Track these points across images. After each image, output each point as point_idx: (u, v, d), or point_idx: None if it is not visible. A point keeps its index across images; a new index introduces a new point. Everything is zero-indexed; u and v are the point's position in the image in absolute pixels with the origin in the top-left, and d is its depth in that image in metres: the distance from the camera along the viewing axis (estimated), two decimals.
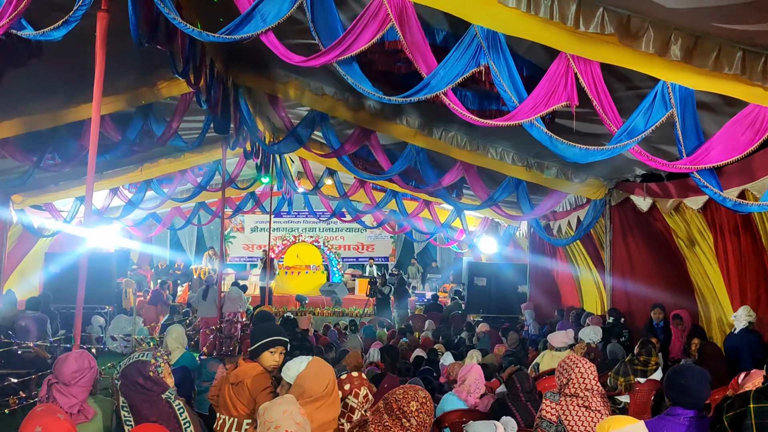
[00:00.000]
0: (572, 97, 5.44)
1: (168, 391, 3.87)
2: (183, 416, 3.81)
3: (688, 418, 3.95)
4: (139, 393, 3.78)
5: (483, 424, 4.04)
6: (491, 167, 10.42)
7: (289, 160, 16.96)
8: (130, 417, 3.66)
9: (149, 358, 3.91)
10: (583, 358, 4.59)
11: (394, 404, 3.68)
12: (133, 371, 3.85)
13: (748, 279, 8.00)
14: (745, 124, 5.51)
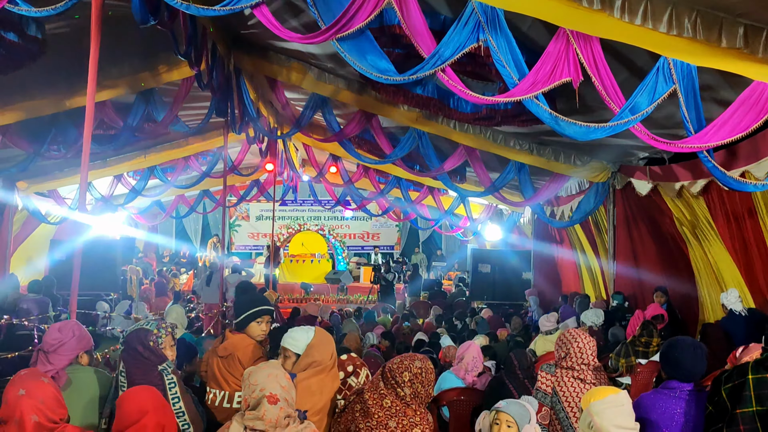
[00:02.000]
0: (573, 74, 5.39)
1: (165, 363, 3.87)
2: (173, 390, 3.79)
3: (685, 391, 3.92)
4: (135, 360, 3.78)
5: (516, 405, 3.98)
6: (493, 151, 10.38)
7: (293, 147, 16.93)
8: (125, 383, 3.67)
9: (152, 328, 3.92)
10: (583, 332, 4.56)
11: (388, 373, 3.68)
12: (134, 338, 3.86)
13: (755, 262, 7.96)
14: (749, 103, 5.46)
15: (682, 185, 8.58)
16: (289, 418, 2.93)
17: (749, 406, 3.61)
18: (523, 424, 3.90)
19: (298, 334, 3.99)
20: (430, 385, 3.74)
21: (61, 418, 2.92)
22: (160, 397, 3.02)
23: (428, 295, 17.74)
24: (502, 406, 3.97)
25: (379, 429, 3.65)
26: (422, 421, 3.70)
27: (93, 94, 5.77)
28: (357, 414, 3.71)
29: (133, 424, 2.85)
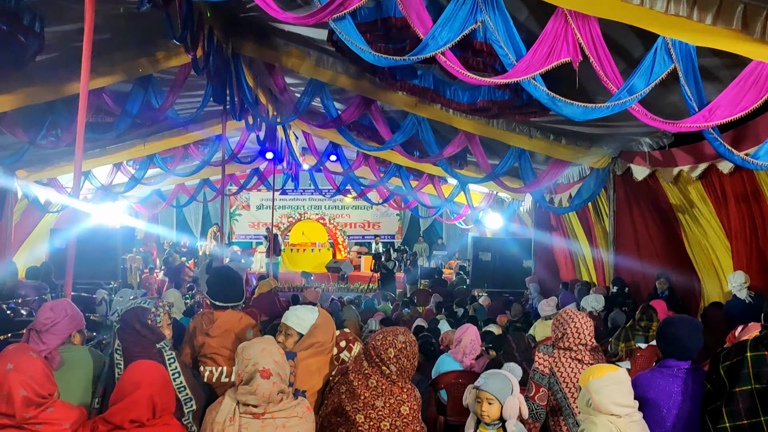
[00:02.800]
0: (572, 54, 5.35)
1: (163, 342, 3.86)
2: (173, 366, 3.79)
3: (683, 370, 3.90)
4: (133, 338, 3.78)
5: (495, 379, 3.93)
6: (494, 137, 10.34)
7: (293, 135, 16.89)
8: (121, 360, 3.66)
9: (150, 306, 3.92)
10: (581, 313, 4.53)
11: (372, 351, 3.64)
12: (132, 316, 3.86)
13: (752, 248, 7.93)
14: (749, 82, 5.42)
15: (681, 170, 8.55)
16: (282, 393, 2.90)
17: (747, 384, 3.59)
18: (504, 398, 3.84)
19: (304, 314, 3.96)
20: (414, 358, 3.71)
21: (50, 393, 2.89)
22: (160, 372, 2.99)
23: (429, 283, 17.72)
24: (481, 384, 3.91)
25: (366, 410, 3.62)
26: (409, 398, 3.67)
27: (86, 80, 5.73)
28: (343, 396, 3.67)
29: (125, 398, 2.83)
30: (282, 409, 2.87)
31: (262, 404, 2.84)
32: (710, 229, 8.72)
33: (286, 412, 2.87)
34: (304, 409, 2.94)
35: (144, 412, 2.80)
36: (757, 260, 7.86)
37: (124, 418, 2.78)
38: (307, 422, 2.91)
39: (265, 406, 2.85)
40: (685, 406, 3.83)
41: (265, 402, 2.85)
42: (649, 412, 3.75)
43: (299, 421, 2.88)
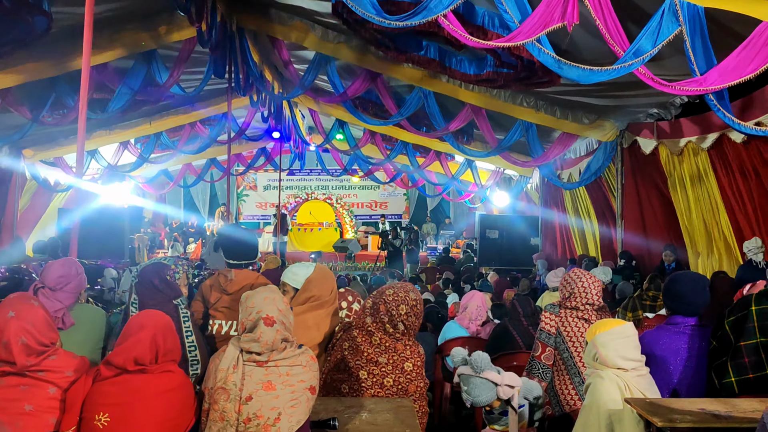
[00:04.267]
0: (576, 16, 5.28)
1: (180, 298, 3.87)
2: (186, 324, 3.81)
3: (688, 326, 3.88)
4: (151, 293, 3.81)
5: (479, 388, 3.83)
6: (500, 110, 10.28)
7: (299, 114, 16.85)
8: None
9: (170, 263, 3.93)
10: (588, 272, 4.50)
11: (382, 306, 3.61)
12: (151, 271, 3.89)
13: (760, 220, 7.86)
14: (758, 45, 5.34)
15: (688, 141, 8.48)
16: (286, 342, 2.89)
17: (753, 338, 3.58)
18: (492, 397, 3.68)
19: (298, 269, 3.97)
20: (421, 316, 3.70)
21: (52, 342, 2.88)
22: (165, 320, 2.98)
23: (436, 261, 17.71)
24: (470, 404, 3.74)
25: (369, 366, 3.61)
26: (413, 354, 3.66)
27: (88, 54, 5.69)
28: (346, 352, 3.66)
29: (129, 339, 2.83)
30: (286, 358, 2.85)
31: (266, 352, 2.83)
32: (713, 202, 8.63)
33: (290, 361, 2.85)
34: (308, 358, 2.92)
35: (147, 353, 2.79)
36: (766, 232, 7.79)
37: (127, 358, 2.77)
38: (311, 371, 2.90)
39: (269, 354, 2.83)
40: (691, 363, 3.82)
41: (269, 350, 2.83)
42: (655, 368, 3.74)
43: (303, 369, 2.87)
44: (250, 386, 2.78)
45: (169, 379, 2.84)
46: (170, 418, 2.77)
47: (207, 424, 2.78)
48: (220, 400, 2.76)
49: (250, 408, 2.75)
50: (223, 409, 2.75)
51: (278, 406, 2.76)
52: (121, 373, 2.78)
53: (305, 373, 2.87)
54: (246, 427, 2.73)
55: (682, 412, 3.14)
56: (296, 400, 2.80)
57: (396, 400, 3.52)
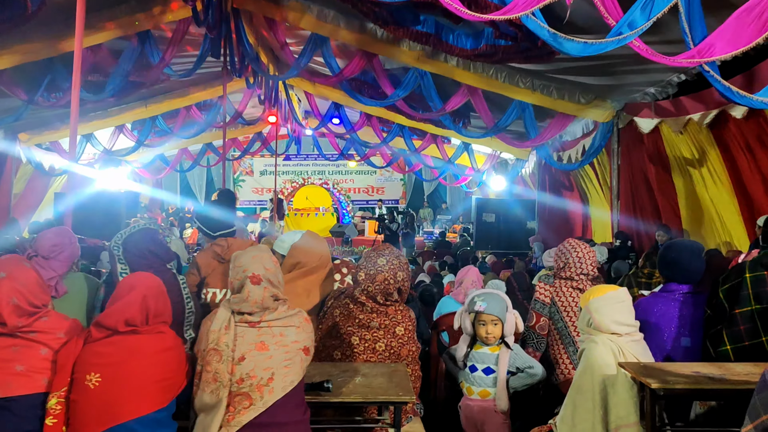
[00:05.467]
0: None
1: (172, 263, 3.87)
2: (186, 291, 3.82)
3: (683, 293, 3.88)
4: (146, 260, 3.76)
5: (494, 301, 4.03)
6: (497, 90, 10.22)
7: (295, 98, 16.79)
8: None
9: (156, 227, 3.92)
10: (583, 242, 4.50)
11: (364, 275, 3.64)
12: (143, 237, 3.85)
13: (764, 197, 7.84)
14: (752, 16, 5.31)
15: (689, 119, 8.44)
16: (277, 301, 2.87)
17: (747, 306, 3.57)
18: (504, 316, 3.93)
19: (286, 237, 3.98)
20: (407, 280, 3.71)
21: (44, 304, 2.88)
22: (156, 282, 2.97)
23: (432, 245, 17.71)
24: (483, 308, 3.96)
25: (360, 331, 3.62)
26: (404, 318, 3.67)
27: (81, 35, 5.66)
28: (337, 318, 3.66)
29: (119, 300, 2.82)
30: (278, 318, 2.83)
31: (257, 311, 2.81)
32: (715, 180, 8.61)
33: (283, 321, 2.84)
34: (302, 319, 2.90)
35: (137, 314, 2.78)
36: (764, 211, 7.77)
37: (118, 320, 2.76)
38: (304, 332, 2.88)
39: (261, 314, 2.81)
40: (685, 330, 3.82)
41: (260, 308, 2.81)
42: (650, 335, 3.74)
43: (296, 330, 2.85)
44: (242, 347, 2.76)
45: (161, 339, 2.84)
46: (163, 378, 2.77)
47: (200, 386, 2.76)
48: (213, 361, 2.73)
49: (243, 368, 2.74)
50: (216, 370, 2.72)
51: (271, 367, 2.75)
52: (112, 334, 2.78)
53: (299, 333, 2.86)
54: (239, 387, 2.73)
55: (676, 374, 3.15)
56: (290, 361, 2.79)
57: (390, 365, 3.52)
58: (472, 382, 4.12)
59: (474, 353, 4.14)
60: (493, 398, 4.06)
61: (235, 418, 2.70)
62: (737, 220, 8.36)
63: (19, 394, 2.72)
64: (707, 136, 8.32)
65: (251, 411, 2.72)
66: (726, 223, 8.60)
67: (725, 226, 8.65)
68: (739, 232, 8.34)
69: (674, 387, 3.03)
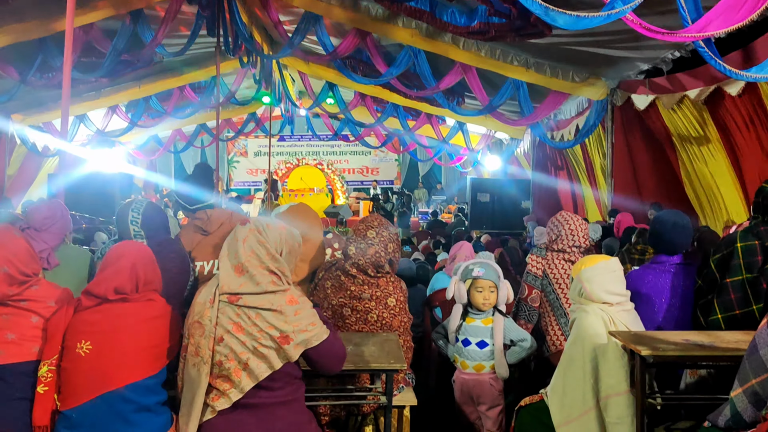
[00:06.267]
0: None
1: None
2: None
3: (673, 265, 3.89)
4: (160, 231, 3.79)
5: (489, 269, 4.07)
6: (490, 68, 10.20)
7: (289, 78, 16.72)
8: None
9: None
10: (575, 215, 4.51)
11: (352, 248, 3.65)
12: (158, 210, 3.89)
13: (760, 173, 7.84)
14: None
15: (684, 95, 8.42)
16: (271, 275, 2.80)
17: (738, 275, 3.58)
18: (499, 283, 3.97)
19: (276, 209, 3.96)
20: (398, 251, 3.72)
21: (35, 273, 2.87)
22: (145, 250, 2.97)
23: (426, 225, 17.72)
24: (481, 274, 3.99)
25: (352, 303, 3.63)
26: (395, 289, 3.68)
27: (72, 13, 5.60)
28: (329, 291, 3.67)
29: (108, 268, 2.81)
30: (256, 295, 2.68)
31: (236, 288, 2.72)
32: (712, 157, 8.61)
33: (261, 301, 2.69)
34: (284, 301, 2.69)
35: (127, 282, 2.78)
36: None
37: (107, 288, 2.76)
38: (284, 316, 2.64)
39: (240, 288, 2.71)
40: (676, 301, 3.84)
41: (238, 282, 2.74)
42: (641, 306, 3.75)
43: (274, 315, 2.62)
44: (222, 326, 2.67)
45: (152, 307, 2.83)
46: (153, 345, 2.76)
47: (186, 358, 2.72)
48: (196, 334, 2.69)
49: (221, 350, 2.66)
50: (198, 344, 2.68)
51: (246, 351, 2.65)
52: (102, 302, 2.77)
53: (276, 318, 2.68)
54: (219, 369, 2.66)
55: (666, 342, 3.16)
56: (264, 348, 2.66)
57: (382, 334, 3.54)
58: (466, 356, 4.13)
59: (467, 326, 4.15)
60: (488, 371, 4.08)
61: (219, 398, 2.67)
62: (735, 196, 8.37)
63: (11, 362, 2.71)
64: (703, 113, 8.32)
65: (231, 394, 2.66)
66: (725, 199, 8.61)
67: (724, 203, 8.65)
68: (737, 207, 8.36)
69: (664, 354, 3.04)
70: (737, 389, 2.61)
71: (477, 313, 4.08)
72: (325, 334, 2.77)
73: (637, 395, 3.22)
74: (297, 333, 2.69)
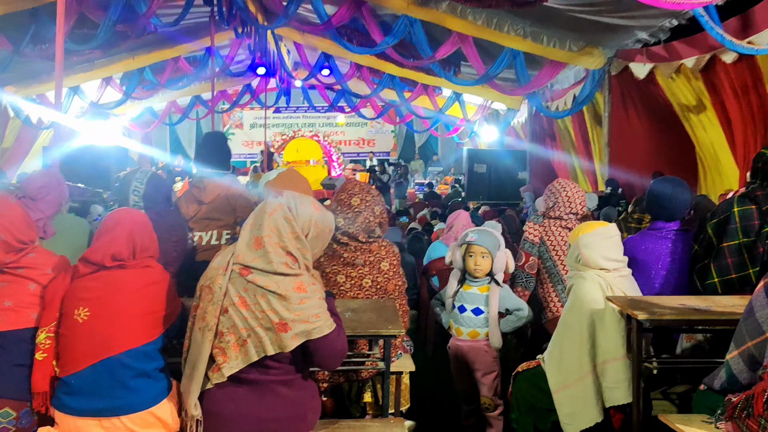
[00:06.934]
0: None
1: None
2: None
3: (671, 231, 3.90)
4: (161, 202, 3.83)
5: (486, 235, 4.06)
6: (487, 37, 10.12)
7: (284, 50, 16.59)
8: None
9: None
10: (572, 182, 4.51)
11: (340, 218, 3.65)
12: (162, 181, 3.95)
13: (754, 141, 7.83)
14: None
15: (681, 64, 8.39)
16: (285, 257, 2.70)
17: (735, 239, 3.59)
18: (495, 252, 3.95)
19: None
20: (385, 211, 3.73)
21: (31, 240, 2.87)
22: (141, 216, 2.97)
23: (422, 196, 17.72)
24: (474, 239, 3.99)
25: (346, 269, 3.64)
26: (388, 254, 3.70)
27: None
28: (322, 259, 3.67)
29: (105, 234, 2.81)
30: (267, 274, 2.59)
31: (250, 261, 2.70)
32: (710, 125, 8.60)
33: (268, 281, 2.61)
34: (293, 287, 2.55)
35: (124, 249, 2.77)
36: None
37: (104, 255, 2.76)
38: (288, 303, 2.53)
39: (253, 262, 2.64)
40: (674, 267, 3.85)
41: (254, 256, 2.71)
42: (638, 273, 3.76)
43: (278, 299, 2.51)
44: (230, 296, 2.62)
45: (149, 273, 2.83)
46: (152, 311, 2.77)
47: (194, 321, 2.69)
48: (205, 298, 2.65)
49: (225, 321, 2.61)
50: (206, 309, 2.63)
51: (246, 328, 2.60)
52: (99, 269, 2.77)
53: (280, 303, 2.59)
54: (219, 340, 2.62)
55: (662, 306, 3.18)
56: (262, 329, 2.59)
57: (379, 300, 3.55)
58: (461, 323, 4.14)
59: (463, 293, 4.15)
60: (482, 338, 4.09)
61: (217, 371, 2.64)
62: (733, 164, 8.37)
63: (9, 329, 2.73)
64: (700, 81, 8.29)
65: (224, 369, 2.62)
66: (723, 167, 8.61)
67: (722, 171, 8.65)
68: (735, 176, 8.35)
69: (661, 318, 3.06)
70: (733, 352, 2.63)
71: (474, 280, 4.08)
72: (329, 329, 2.65)
73: (633, 360, 3.24)
74: (297, 323, 2.58)
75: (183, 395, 2.70)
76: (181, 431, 2.77)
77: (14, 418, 2.67)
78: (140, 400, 2.71)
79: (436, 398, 4.80)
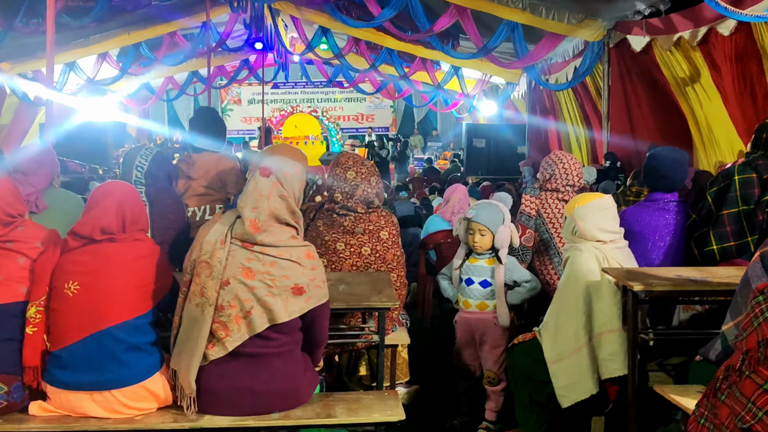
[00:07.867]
0: None
1: None
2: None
3: (669, 202, 3.87)
4: (163, 180, 3.85)
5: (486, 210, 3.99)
6: (485, 9, 10.04)
7: (281, 24, 16.47)
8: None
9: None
10: (569, 154, 4.47)
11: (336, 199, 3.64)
12: (166, 159, 3.95)
13: (754, 113, 7.77)
14: None
15: (680, 36, 8.31)
16: (286, 226, 2.74)
17: (735, 207, 3.58)
18: (496, 227, 3.89)
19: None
20: (380, 181, 3.72)
21: (20, 214, 2.84)
22: (131, 189, 2.95)
23: (422, 171, 17.68)
24: (472, 215, 3.93)
25: (345, 237, 3.65)
26: (387, 223, 3.70)
27: None
28: (321, 228, 3.68)
29: (94, 207, 2.78)
30: (275, 245, 2.65)
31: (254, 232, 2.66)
32: (706, 99, 8.54)
33: (279, 250, 2.64)
34: (303, 254, 2.71)
35: (113, 222, 2.74)
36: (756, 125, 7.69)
37: (93, 228, 2.73)
38: (301, 268, 2.68)
39: (258, 235, 2.66)
40: (671, 238, 3.83)
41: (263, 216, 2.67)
42: (635, 245, 3.74)
43: (291, 264, 2.65)
44: (231, 269, 2.62)
45: (139, 247, 2.80)
46: (142, 285, 2.74)
47: (187, 296, 2.67)
48: (203, 274, 2.62)
49: (225, 294, 2.61)
50: (204, 284, 2.61)
51: (251, 299, 2.61)
52: (88, 242, 2.74)
53: (293, 268, 2.65)
54: (219, 314, 2.61)
55: (658, 277, 3.16)
56: (272, 297, 2.61)
57: (374, 273, 3.55)
58: (468, 295, 4.06)
59: (470, 265, 4.07)
60: (491, 310, 4.02)
61: (215, 347, 2.63)
62: (728, 137, 8.32)
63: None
64: (698, 53, 8.22)
65: (227, 343, 2.62)
66: (718, 140, 8.56)
67: (721, 144, 8.60)
68: (730, 149, 8.31)
69: (657, 289, 3.04)
70: (729, 323, 2.61)
71: (481, 254, 4.02)
72: (326, 297, 2.78)
73: (629, 331, 3.23)
74: (312, 287, 2.68)
75: (178, 373, 2.68)
76: (173, 404, 2.77)
77: (5, 393, 2.65)
78: (132, 373, 2.69)
79: (434, 371, 4.79)
